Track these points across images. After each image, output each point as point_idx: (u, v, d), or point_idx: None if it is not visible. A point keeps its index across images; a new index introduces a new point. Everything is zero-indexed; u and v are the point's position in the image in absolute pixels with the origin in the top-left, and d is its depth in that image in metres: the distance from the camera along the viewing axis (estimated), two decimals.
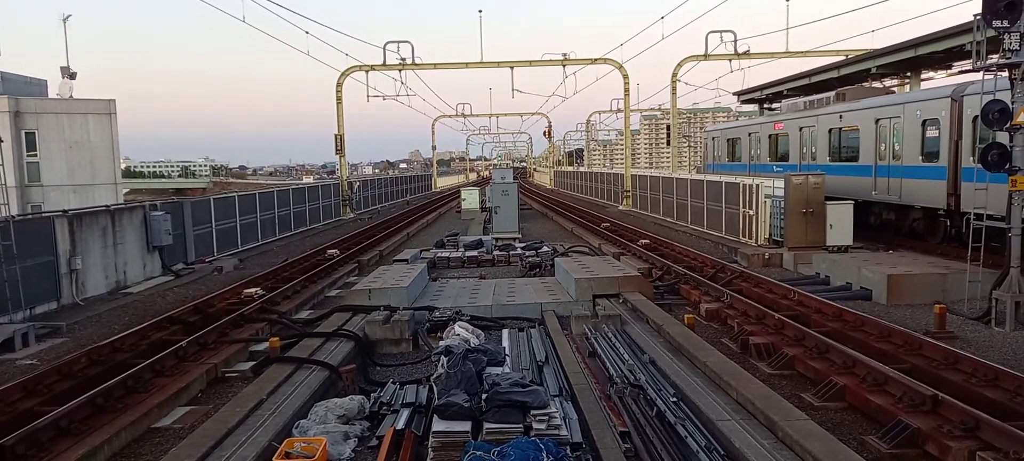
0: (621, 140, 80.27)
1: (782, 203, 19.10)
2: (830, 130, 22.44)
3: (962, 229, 14.95)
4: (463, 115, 72.51)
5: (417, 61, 39.53)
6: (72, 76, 35.14)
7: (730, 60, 37.80)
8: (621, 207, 39.59)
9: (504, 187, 27.31)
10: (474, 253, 20.86)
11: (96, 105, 34.22)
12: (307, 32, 49.36)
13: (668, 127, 45.93)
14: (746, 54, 37.57)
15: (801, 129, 24.45)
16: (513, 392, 7.30)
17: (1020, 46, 11.40)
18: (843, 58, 31.34)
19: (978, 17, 11.87)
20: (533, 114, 76.78)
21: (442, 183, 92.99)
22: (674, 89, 40.78)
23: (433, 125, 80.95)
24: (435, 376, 8.61)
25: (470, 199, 40.56)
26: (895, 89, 28.01)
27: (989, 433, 6.63)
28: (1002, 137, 12.09)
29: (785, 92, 33.31)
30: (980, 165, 12.16)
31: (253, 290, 15.26)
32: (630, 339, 10.91)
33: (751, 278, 15.42)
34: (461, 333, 10.80)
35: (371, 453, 7.23)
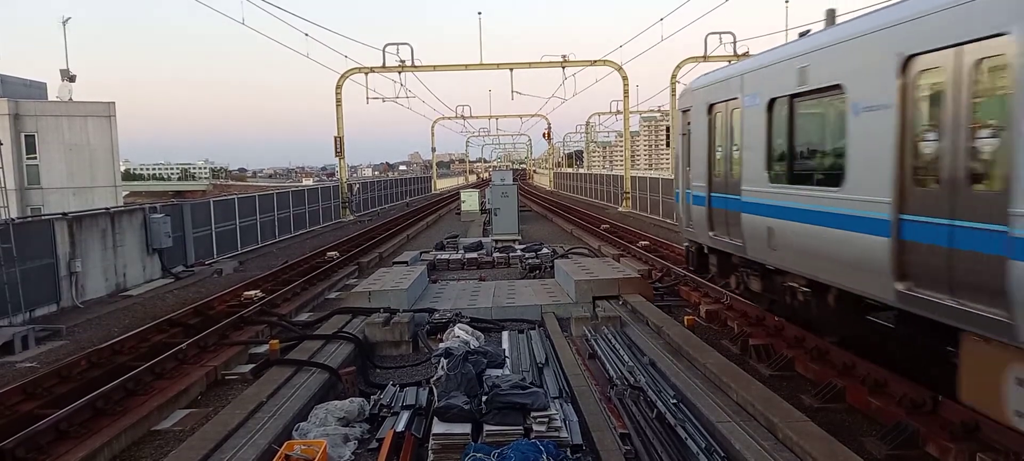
0: (620, 142, 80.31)
1: None
2: None
3: None
4: (463, 117, 72.61)
5: (416, 63, 39.60)
6: (71, 79, 35.11)
7: (730, 61, 37.83)
8: (620, 209, 39.61)
9: (504, 189, 27.31)
10: (474, 255, 20.86)
11: (95, 108, 34.22)
12: (306, 34, 48.98)
13: (667, 128, 45.96)
14: (746, 55, 37.59)
15: None
16: (513, 394, 7.29)
17: None
18: None
19: None
20: (533, 116, 76.62)
21: (442, 185, 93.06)
22: (674, 91, 40.84)
23: (433, 127, 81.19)
24: (435, 378, 8.60)
25: (470, 201, 40.56)
26: None
27: (989, 433, 6.63)
28: None
29: None
30: None
31: (253, 292, 15.27)
32: (630, 341, 10.92)
33: None
34: (461, 335, 10.80)
35: (371, 455, 7.23)
